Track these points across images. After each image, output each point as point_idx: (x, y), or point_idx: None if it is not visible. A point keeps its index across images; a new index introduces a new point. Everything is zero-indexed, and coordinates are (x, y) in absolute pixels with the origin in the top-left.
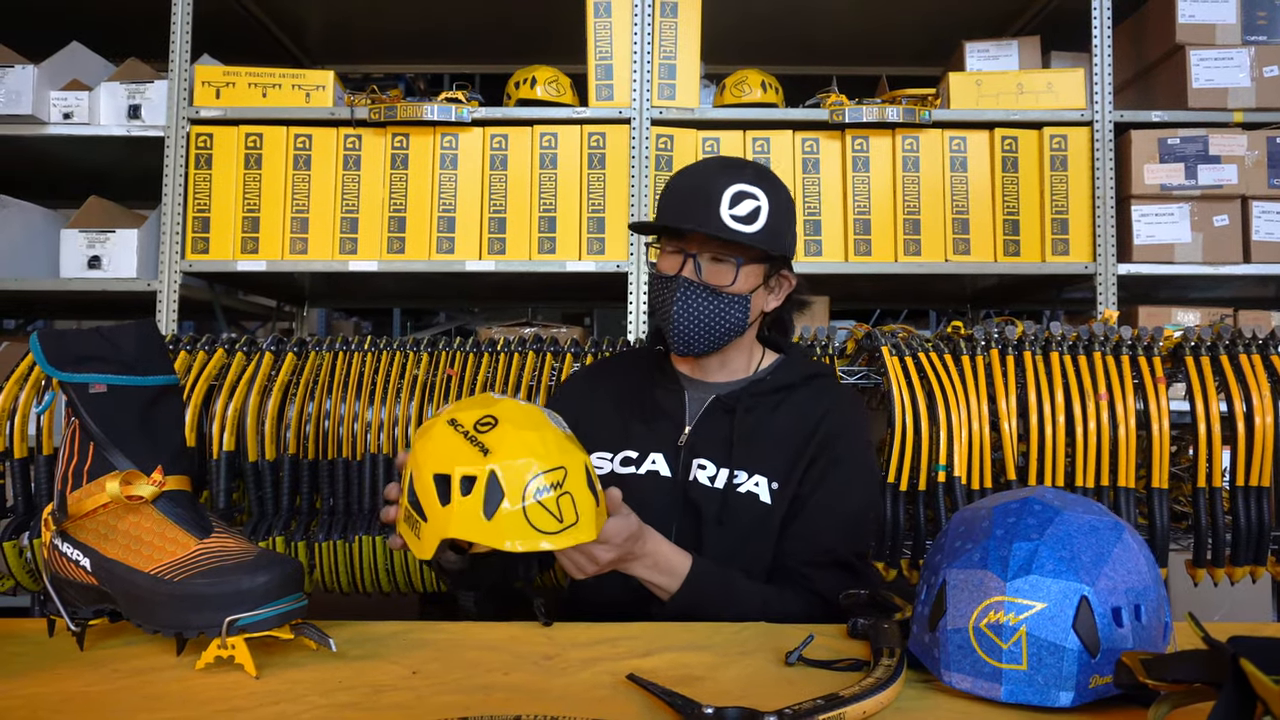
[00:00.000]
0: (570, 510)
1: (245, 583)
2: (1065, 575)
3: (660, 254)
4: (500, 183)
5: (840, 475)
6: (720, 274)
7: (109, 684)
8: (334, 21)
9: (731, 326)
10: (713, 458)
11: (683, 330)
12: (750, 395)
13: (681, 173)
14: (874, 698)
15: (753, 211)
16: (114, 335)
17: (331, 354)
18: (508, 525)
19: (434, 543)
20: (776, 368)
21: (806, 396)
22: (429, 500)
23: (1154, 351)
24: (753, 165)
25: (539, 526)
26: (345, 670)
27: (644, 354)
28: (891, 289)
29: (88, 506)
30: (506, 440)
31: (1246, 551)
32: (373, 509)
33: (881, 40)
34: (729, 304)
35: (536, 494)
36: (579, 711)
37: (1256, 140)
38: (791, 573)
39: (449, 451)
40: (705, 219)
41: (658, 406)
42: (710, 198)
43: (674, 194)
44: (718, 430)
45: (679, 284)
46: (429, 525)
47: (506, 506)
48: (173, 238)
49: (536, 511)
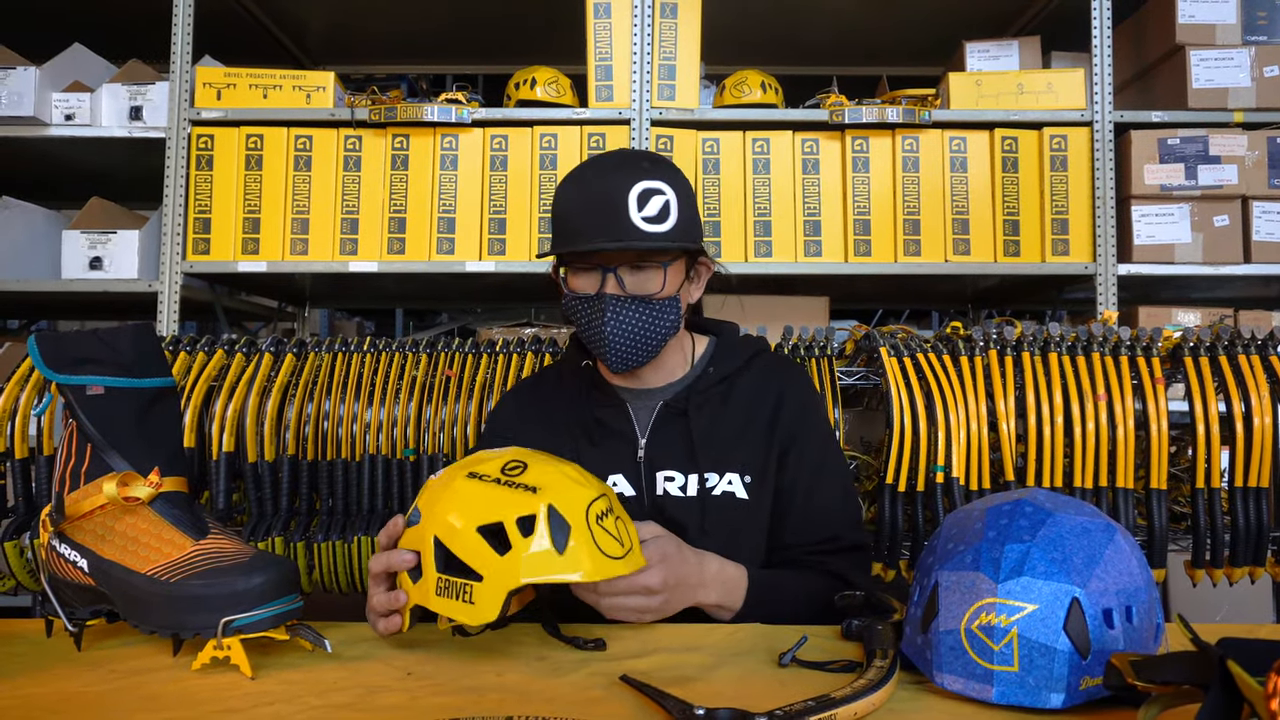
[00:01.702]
0: (626, 535)
1: (241, 584)
2: (1057, 577)
3: (570, 274)
4: (500, 183)
5: (816, 457)
6: (647, 282)
7: (106, 684)
8: (335, 23)
9: (667, 331)
10: (677, 466)
11: (620, 348)
12: (698, 393)
13: (573, 185)
14: (866, 699)
15: (663, 208)
16: (111, 337)
17: (331, 355)
18: (582, 555)
19: (499, 598)
20: (714, 355)
21: (753, 379)
22: (480, 556)
23: (1153, 352)
24: (645, 155)
25: (608, 552)
26: (340, 671)
27: (568, 372)
28: (892, 289)
29: (85, 508)
30: (547, 476)
31: (1245, 552)
32: (372, 510)
33: (881, 40)
34: (662, 310)
35: (598, 519)
36: (571, 713)
37: (1257, 140)
38: (803, 563)
39: (488, 502)
40: (618, 230)
41: (603, 425)
42: (616, 204)
43: (573, 207)
44: (674, 437)
45: (606, 303)
46: (487, 582)
47: (575, 538)
48: (174, 239)
49: (603, 537)
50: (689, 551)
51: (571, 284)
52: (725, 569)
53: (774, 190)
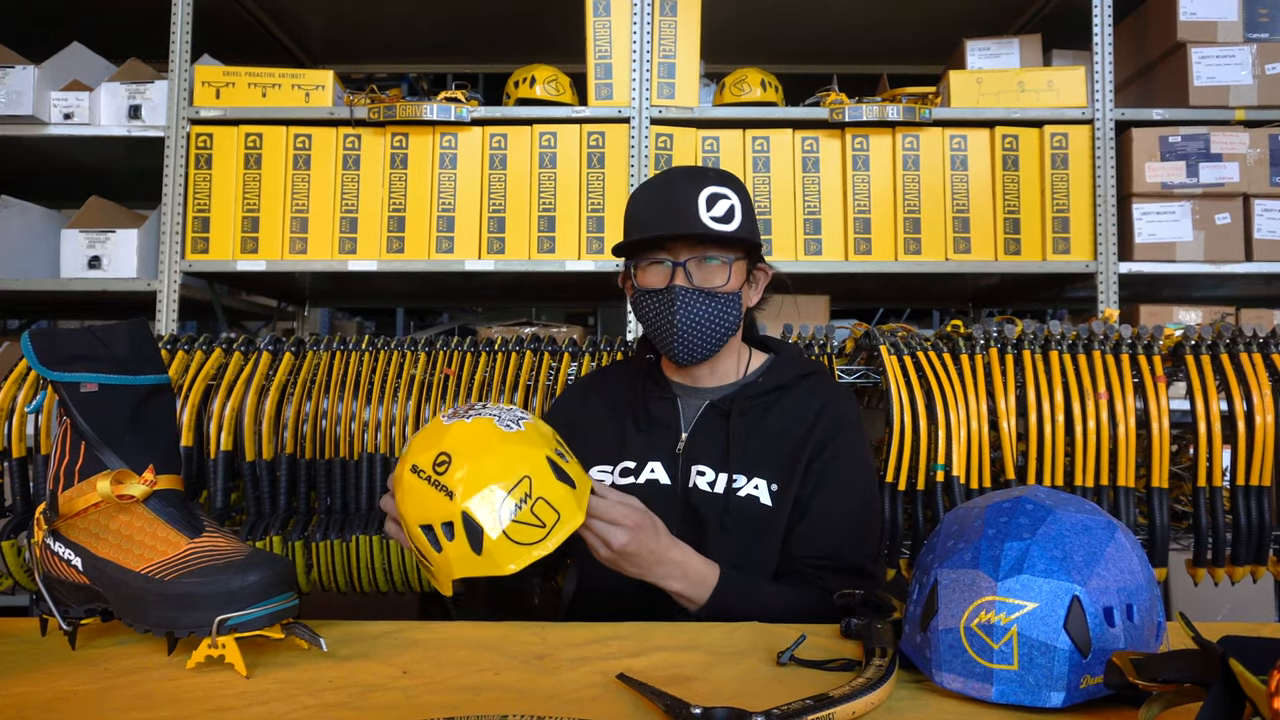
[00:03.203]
0: (547, 511)
1: (236, 582)
2: (1057, 575)
3: (640, 270)
4: (499, 182)
5: (839, 475)
6: (713, 275)
7: (100, 683)
8: (335, 22)
9: (730, 326)
10: (710, 463)
11: (687, 338)
12: (744, 398)
13: (645, 189)
14: (864, 698)
15: (729, 210)
16: (105, 334)
17: (329, 353)
18: (499, 554)
19: (448, 583)
20: (768, 368)
21: (800, 395)
22: (426, 549)
23: (1154, 350)
24: (712, 169)
25: (525, 542)
26: (336, 670)
27: (634, 365)
28: (892, 288)
29: (79, 506)
30: (468, 477)
31: (1247, 551)
32: (370, 509)
33: (882, 38)
34: (725, 304)
35: (511, 514)
36: (568, 711)
37: (1259, 138)
38: (805, 575)
39: (421, 502)
40: (688, 224)
41: (653, 416)
42: (686, 206)
43: (646, 209)
44: (714, 435)
45: (676, 294)
46: (437, 569)
47: (490, 538)
48: (172, 238)
49: (517, 530)
50: (661, 532)
51: (641, 280)
52: (691, 560)
53: (774, 189)
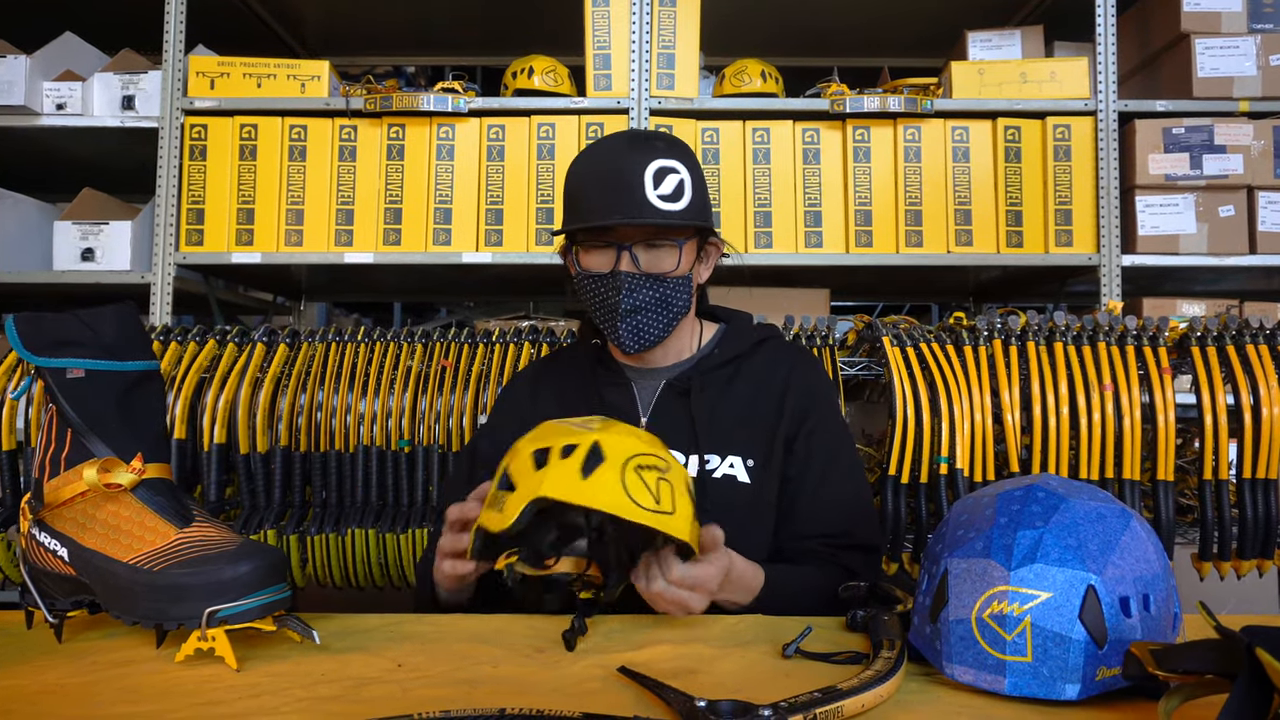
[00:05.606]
0: (668, 499)
1: (226, 573)
2: (1071, 564)
3: (582, 251)
4: (497, 173)
5: (827, 450)
6: (662, 260)
7: (87, 676)
8: (331, 14)
9: (680, 310)
10: (678, 447)
11: (634, 326)
12: (701, 373)
13: (587, 160)
14: (873, 690)
15: (678, 186)
16: (93, 319)
17: (324, 345)
18: (603, 487)
19: (518, 507)
20: (722, 338)
21: (760, 363)
22: (522, 471)
23: (1159, 342)
24: (660, 135)
25: (635, 498)
26: (329, 663)
27: (581, 350)
28: (893, 281)
29: (65, 495)
30: (615, 427)
31: (1253, 545)
32: (366, 502)
33: (883, 29)
34: (675, 289)
35: (636, 467)
36: (568, 705)
37: (1263, 130)
38: (821, 555)
39: (555, 433)
40: (634, 207)
41: (607, 403)
42: (631, 181)
43: (587, 184)
44: (676, 417)
45: (621, 280)
46: (517, 492)
47: (605, 469)
48: (166, 230)
49: (634, 482)
50: (736, 558)
51: (584, 262)
52: (745, 573)
53: (774, 180)
